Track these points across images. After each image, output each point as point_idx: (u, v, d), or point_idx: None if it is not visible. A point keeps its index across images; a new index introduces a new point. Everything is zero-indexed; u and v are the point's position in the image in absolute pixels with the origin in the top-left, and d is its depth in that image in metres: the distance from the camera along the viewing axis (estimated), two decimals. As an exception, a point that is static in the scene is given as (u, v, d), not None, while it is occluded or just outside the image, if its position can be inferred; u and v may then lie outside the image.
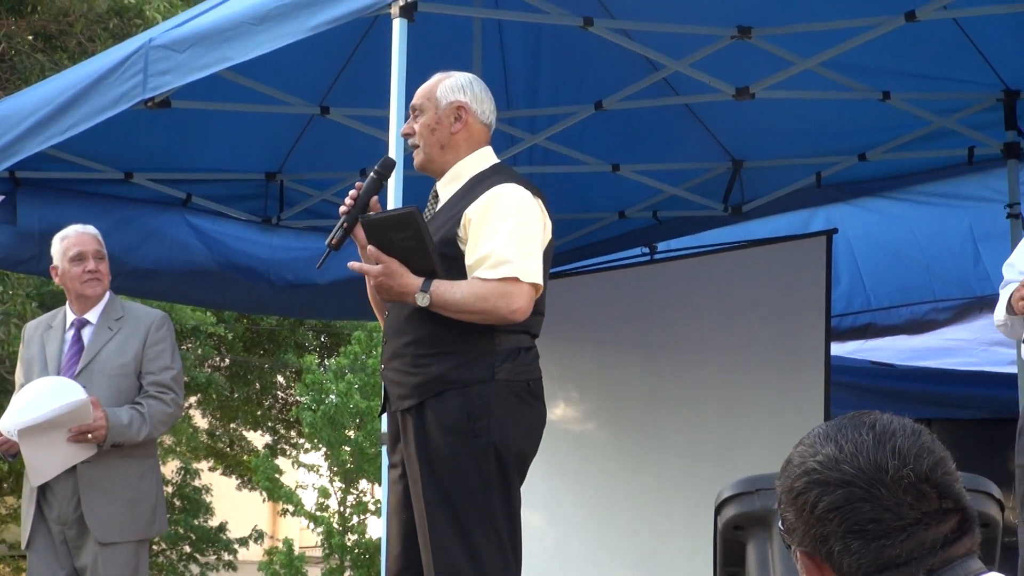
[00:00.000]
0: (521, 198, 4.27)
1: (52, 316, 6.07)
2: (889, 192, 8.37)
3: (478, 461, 4.19)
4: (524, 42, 7.45)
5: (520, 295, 4.16)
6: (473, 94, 4.44)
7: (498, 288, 4.15)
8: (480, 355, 4.22)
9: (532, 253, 4.24)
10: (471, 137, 4.43)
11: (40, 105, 6.34)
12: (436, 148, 4.40)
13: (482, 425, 4.18)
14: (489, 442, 4.18)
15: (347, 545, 20.96)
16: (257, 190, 8.40)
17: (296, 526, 25.24)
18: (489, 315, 4.16)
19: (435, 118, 4.40)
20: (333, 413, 20.10)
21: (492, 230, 4.20)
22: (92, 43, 13.51)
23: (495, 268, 4.16)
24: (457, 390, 4.19)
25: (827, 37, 6.59)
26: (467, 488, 4.19)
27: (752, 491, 4.72)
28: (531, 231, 4.26)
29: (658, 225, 8.75)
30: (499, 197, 4.25)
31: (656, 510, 8.26)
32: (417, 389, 4.24)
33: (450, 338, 4.22)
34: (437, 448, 4.20)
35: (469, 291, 4.16)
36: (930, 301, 8.99)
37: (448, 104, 4.40)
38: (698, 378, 8.29)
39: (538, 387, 4.35)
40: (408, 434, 4.26)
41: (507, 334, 4.25)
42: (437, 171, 4.44)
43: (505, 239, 4.18)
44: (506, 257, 4.16)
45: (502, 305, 4.14)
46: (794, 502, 1.99)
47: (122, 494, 5.75)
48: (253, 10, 5.46)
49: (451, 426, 4.18)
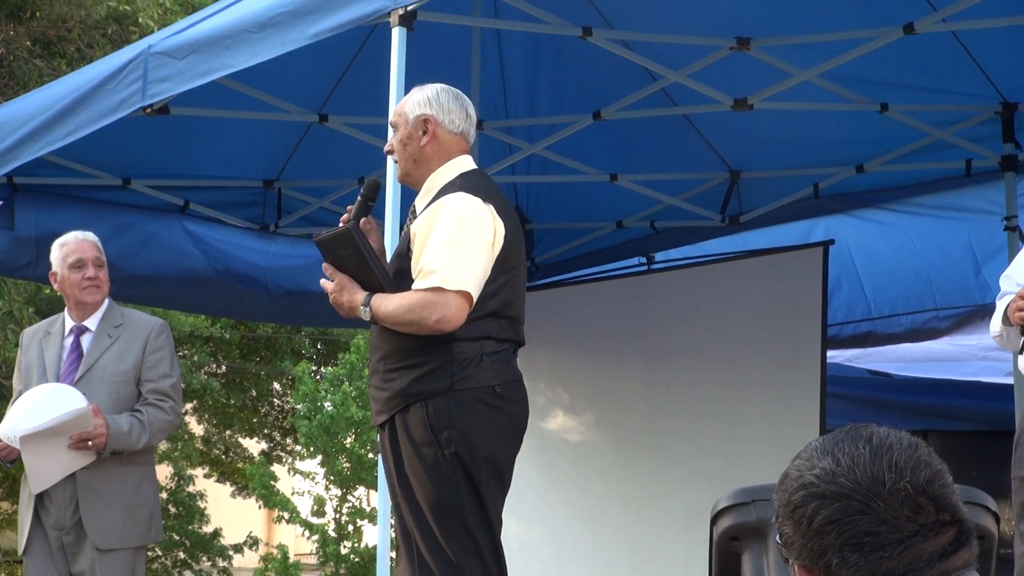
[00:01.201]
0: (465, 206, 4.30)
1: (50, 322, 6.06)
2: (887, 204, 8.38)
3: (444, 472, 4.24)
4: (523, 52, 7.46)
5: (444, 304, 4.19)
6: (439, 105, 4.49)
7: (423, 298, 4.20)
8: (440, 366, 4.27)
9: (464, 262, 4.25)
10: (441, 149, 4.49)
11: (39, 111, 6.34)
12: (410, 163, 4.50)
13: (444, 436, 4.24)
14: (452, 452, 4.23)
15: (343, 553, 20.92)
16: (255, 197, 8.40)
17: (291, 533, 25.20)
18: (418, 326, 4.23)
19: (406, 133, 4.50)
20: (328, 424, 20.08)
21: (426, 244, 4.27)
22: (91, 49, 13.52)
23: (424, 279, 4.23)
24: (419, 403, 4.27)
25: (825, 49, 6.59)
26: (438, 500, 4.25)
27: (748, 502, 4.72)
28: (469, 239, 4.27)
29: (656, 235, 8.76)
30: (441, 208, 4.30)
31: (652, 520, 8.25)
32: (388, 404, 4.34)
33: (410, 351, 4.30)
34: (407, 462, 4.29)
35: (398, 303, 4.25)
36: (931, 309, 8.98)
37: (415, 118, 4.48)
38: (695, 388, 8.29)
39: (510, 389, 4.36)
40: (386, 448, 4.37)
41: (467, 342, 4.29)
42: (415, 184, 4.53)
43: (435, 249, 4.23)
44: (433, 267, 4.22)
45: (426, 315, 4.19)
46: (792, 516, 1.99)
47: (121, 501, 5.75)
48: (253, 18, 5.47)
49: (417, 439, 4.26)
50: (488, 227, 4.31)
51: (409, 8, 4.99)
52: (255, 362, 21.01)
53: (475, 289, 4.24)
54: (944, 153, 7.66)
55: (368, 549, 20.65)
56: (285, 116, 7.44)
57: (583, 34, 6.32)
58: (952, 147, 7.53)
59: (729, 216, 8.37)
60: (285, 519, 21.33)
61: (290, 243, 8.56)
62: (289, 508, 21.03)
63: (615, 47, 6.63)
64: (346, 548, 21.06)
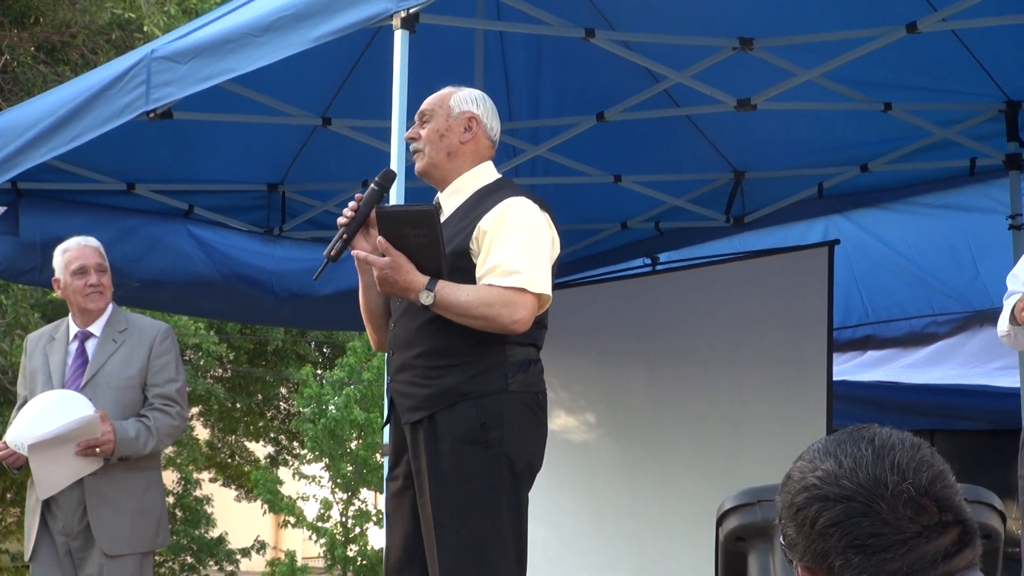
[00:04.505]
0: (532, 211, 4.29)
1: (55, 327, 6.06)
2: (891, 203, 8.37)
3: (491, 472, 4.21)
4: (526, 53, 7.46)
5: (524, 305, 4.17)
6: (485, 109, 4.48)
7: (504, 296, 4.15)
8: (493, 366, 4.24)
9: (541, 265, 4.25)
10: (477, 150, 4.45)
11: (43, 116, 6.35)
12: (443, 155, 4.42)
13: (495, 436, 4.21)
14: (502, 453, 4.21)
15: (350, 556, 20.93)
16: (259, 201, 8.40)
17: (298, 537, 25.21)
18: (491, 322, 4.16)
19: (445, 125, 4.42)
20: (333, 427, 20.09)
21: (503, 241, 4.21)
22: (95, 55, 13.54)
23: (504, 276, 4.17)
24: (471, 401, 4.21)
25: (829, 48, 6.59)
26: (478, 498, 4.20)
27: (754, 502, 4.72)
28: (541, 243, 4.28)
29: (660, 236, 8.77)
30: (511, 209, 4.27)
31: (658, 520, 8.25)
32: (429, 400, 4.25)
33: (463, 349, 4.24)
34: (449, 458, 4.21)
35: (475, 295, 4.16)
36: (929, 315, 8.98)
37: (460, 113, 4.43)
38: (700, 388, 8.29)
39: (545, 400, 4.38)
40: (419, 446, 4.27)
41: (518, 346, 4.27)
42: (438, 178, 4.45)
43: (515, 250, 4.20)
44: (515, 267, 4.18)
45: (505, 313, 4.14)
46: (795, 517, 1.99)
47: (128, 506, 5.76)
48: (256, 22, 5.47)
49: (465, 437, 4.20)
50: (549, 235, 4.34)
51: (412, 11, 4.98)
52: (261, 366, 21.01)
53: (550, 294, 4.27)
54: (948, 152, 7.65)
55: (375, 552, 20.64)
56: (289, 120, 7.45)
57: (586, 36, 6.32)
58: (956, 146, 7.53)
59: (733, 217, 8.37)
60: (291, 523, 21.33)
61: (295, 246, 8.56)
62: (295, 512, 21.03)
63: (618, 48, 6.63)
64: (353, 551, 21.06)
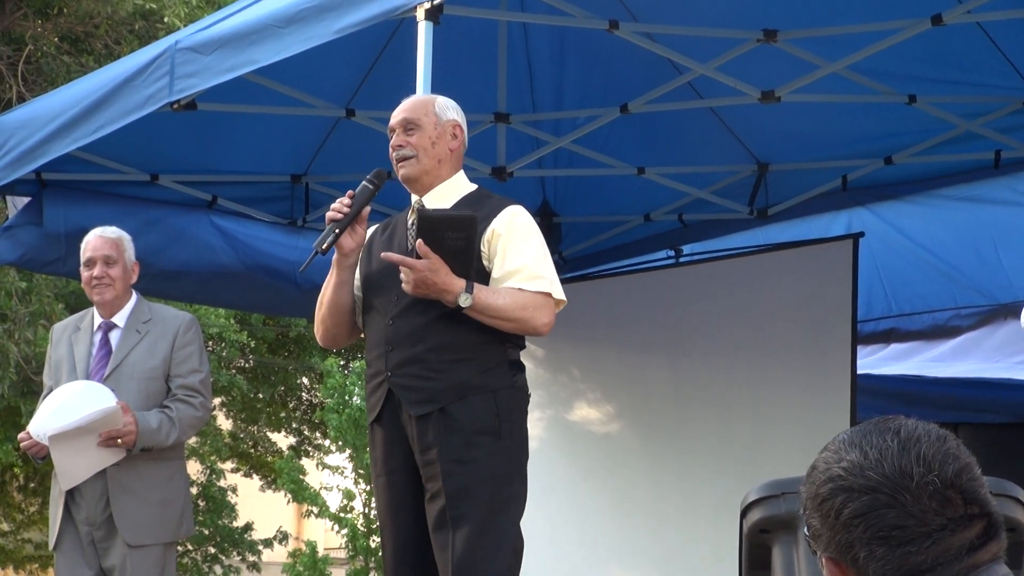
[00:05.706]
0: (533, 222, 4.49)
1: (80, 317, 6.07)
2: (915, 196, 8.34)
3: (503, 462, 4.35)
4: (550, 45, 7.45)
5: (551, 310, 4.36)
6: (462, 117, 4.63)
7: (535, 300, 4.31)
8: (499, 363, 4.39)
9: (555, 272, 4.45)
10: (458, 157, 4.61)
11: (67, 107, 6.36)
12: (435, 162, 4.54)
13: (507, 428, 4.35)
14: (513, 444, 4.37)
15: (372, 547, 20.96)
16: (283, 192, 8.40)
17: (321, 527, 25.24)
18: (523, 324, 4.32)
19: (436, 133, 4.54)
20: (357, 416, 20.12)
21: (519, 246, 4.37)
22: (118, 45, 13.57)
23: (531, 281, 4.33)
24: (484, 394, 4.33)
25: (853, 40, 6.57)
26: (490, 487, 4.32)
27: (778, 495, 4.71)
28: (548, 253, 4.48)
29: (683, 228, 8.74)
30: (518, 216, 4.44)
31: (681, 513, 8.24)
32: (441, 393, 4.35)
33: (472, 345, 4.36)
34: (465, 450, 4.31)
35: (512, 299, 4.30)
36: (952, 308, 8.94)
37: (447, 121, 4.56)
38: (723, 381, 8.27)
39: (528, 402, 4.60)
40: (427, 437, 4.35)
41: (514, 347, 4.45)
42: (425, 184, 4.55)
43: (535, 256, 4.37)
44: (540, 273, 4.34)
45: (537, 316, 4.31)
46: (819, 508, 1.99)
47: (151, 496, 5.77)
48: (279, 13, 5.47)
49: (481, 428, 4.32)
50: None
51: (436, 2, 4.98)
52: (283, 357, 21.05)
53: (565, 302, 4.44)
54: (973, 144, 7.62)
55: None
56: (312, 111, 7.45)
57: (610, 27, 6.31)
58: (981, 138, 7.50)
59: (757, 209, 8.35)
60: (314, 513, 21.38)
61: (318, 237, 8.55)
62: (318, 503, 21.08)
63: (641, 40, 6.62)
64: (375, 542, 21.09)
